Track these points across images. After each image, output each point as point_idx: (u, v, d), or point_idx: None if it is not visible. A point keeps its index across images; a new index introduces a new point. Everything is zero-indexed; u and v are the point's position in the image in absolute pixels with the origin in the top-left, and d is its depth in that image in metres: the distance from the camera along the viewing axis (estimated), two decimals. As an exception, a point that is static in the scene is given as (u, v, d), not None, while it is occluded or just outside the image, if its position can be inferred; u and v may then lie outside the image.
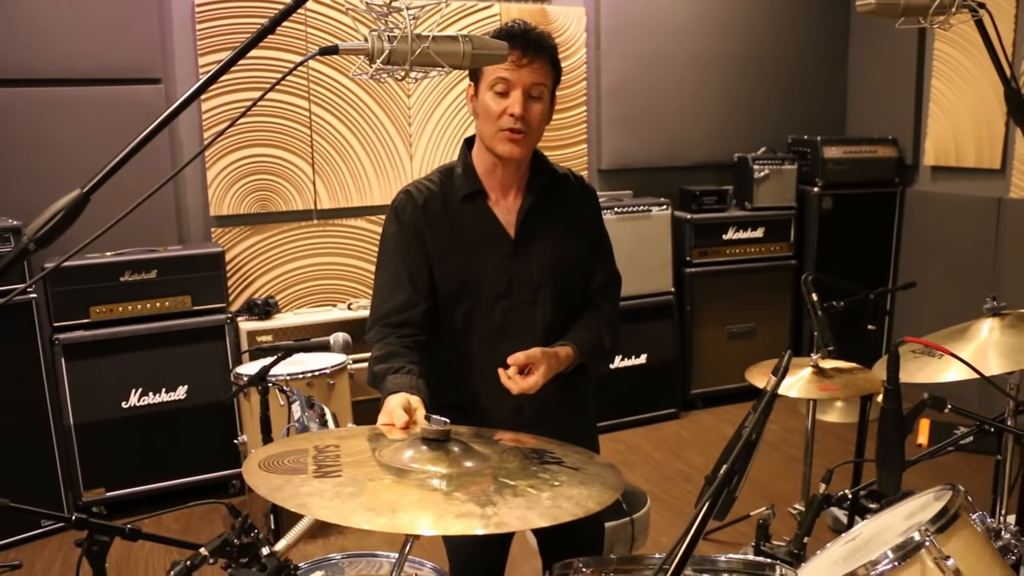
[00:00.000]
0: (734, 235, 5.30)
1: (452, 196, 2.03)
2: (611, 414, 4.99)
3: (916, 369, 1.87)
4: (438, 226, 2.00)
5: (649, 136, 5.41)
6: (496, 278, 2.00)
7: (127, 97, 4.22)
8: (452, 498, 1.17)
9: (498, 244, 2.01)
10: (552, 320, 2.04)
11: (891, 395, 1.66)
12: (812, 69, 5.79)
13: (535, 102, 1.92)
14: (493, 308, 2.01)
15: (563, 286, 2.06)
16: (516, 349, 1.94)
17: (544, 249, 2.03)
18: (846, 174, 5.40)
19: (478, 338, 2.02)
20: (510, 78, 1.89)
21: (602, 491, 1.25)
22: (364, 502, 1.14)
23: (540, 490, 1.22)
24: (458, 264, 2.00)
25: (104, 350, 4.01)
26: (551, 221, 2.05)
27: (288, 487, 1.19)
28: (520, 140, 1.92)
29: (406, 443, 1.35)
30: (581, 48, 5.21)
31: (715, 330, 5.34)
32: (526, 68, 1.89)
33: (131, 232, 4.26)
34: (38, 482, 3.88)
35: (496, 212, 2.02)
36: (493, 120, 1.92)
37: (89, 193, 1.40)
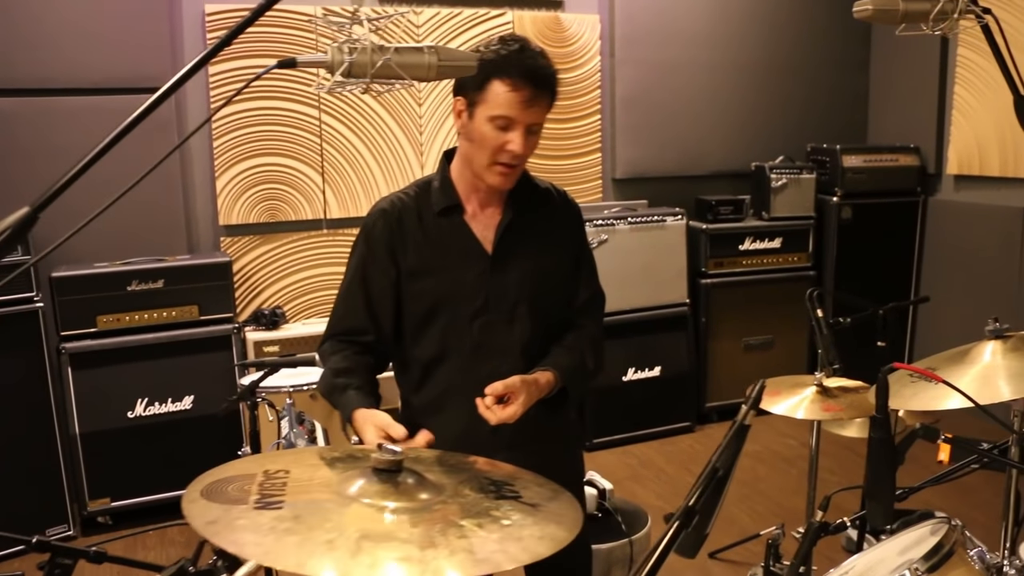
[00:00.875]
0: (751, 245, 5.21)
1: (427, 210, 1.97)
2: (624, 427, 4.92)
3: (911, 395, 1.78)
4: (412, 242, 1.95)
5: (664, 145, 5.33)
6: (473, 295, 1.95)
7: (137, 106, 4.10)
8: (392, 538, 1.11)
9: (475, 260, 1.95)
10: (531, 338, 1.97)
11: (879, 424, 1.58)
12: (832, 76, 5.68)
13: (532, 137, 1.87)
14: (470, 325, 1.95)
15: (542, 303, 2.00)
16: (494, 367, 1.90)
17: (522, 265, 1.97)
18: (866, 183, 5.29)
19: (455, 356, 1.97)
20: (515, 116, 1.82)
21: (556, 533, 1.18)
22: (297, 541, 1.08)
23: (488, 531, 1.16)
24: (433, 281, 1.95)
25: (111, 359, 4.00)
26: (530, 237, 1.99)
27: (224, 519, 1.14)
28: (512, 173, 1.88)
29: (356, 472, 1.29)
30: (595, 56, 5.15)
31: (731, 342, 5.25)
32: (532, 108, 1.83)
33: (140, 241, 4.26)
34: (43, 491, 3.88)
35: (473, 227, 1.96)
36: (489, 152, 1.85)
37: (37, 211, 1.36)
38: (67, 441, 3.95)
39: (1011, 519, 1.86)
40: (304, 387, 3.65)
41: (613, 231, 4.84)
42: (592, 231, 4.78)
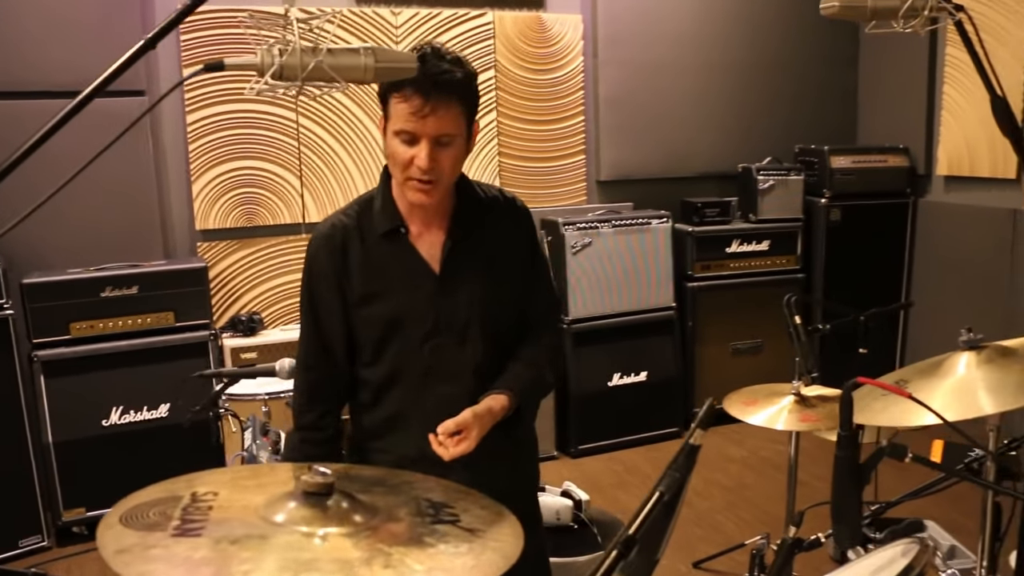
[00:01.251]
0: (738, 248, 5.13)
1: (370, 232, 1.88)
2: (609, 433, 4.85)
3: (881, 409, 1.71)
4: (357, 267, 1.87)
5: (650, 146, 5.26)
6: (422, 317, 1.86)
7: (111, 109, 4.05)
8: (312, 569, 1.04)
9: (422, 281, 1.87)
10: (483, 359, 1.89)
11: (844, 442, 1.51)
12: (820, 74, 5.60)
13: (444, 149, 1.75)
14: (421, 348, 1.87)
15: (494, 323, 1.91)
16: (447, 390, 1.85)
17: (472, 284, 1.89)
18: (855, 185, 5.21)
19: (407, 381, 1.89)
20: (413, 130, 1.72)
21: (491, 560, 1.12)
22: (209, 573, 1.01)
23: (417, 559, 1.09)
24: (381, 307, 1.87)
25: (85, 367, 3.93)
26: (479, 252, 1.91)
27: (138, 547, 1.08)
28: (430, 189, 1.77)
29: (287, 494, 1.22)
30: (578, 56, 5.08)
31: (718, 347, 5.17)
32: (430, 118, 1.71)
33: (115, 247, 4.20)
34: (16, 501, 3.80)
35: (419, 247, 1.88)
36: (400, 168, 1.77)
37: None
38: (40, 450, 3.88)
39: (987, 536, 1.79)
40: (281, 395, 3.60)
41: (597, 234, 4.77)
42: (576, 234, 4.72)
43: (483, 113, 4.89)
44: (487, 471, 1.84)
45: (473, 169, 4.91)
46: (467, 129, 1.81)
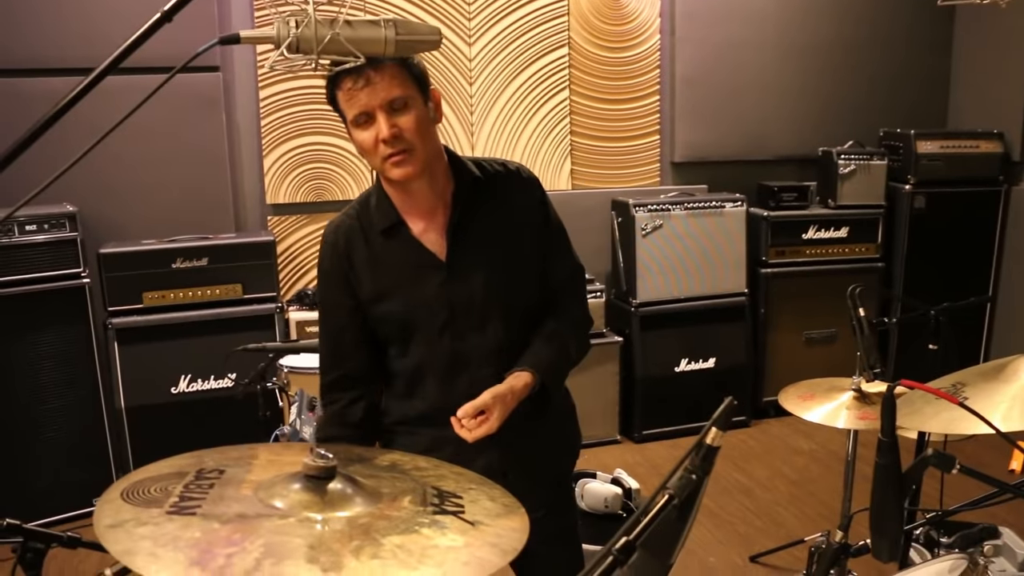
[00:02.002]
0: (815, 234, 4.96)
1: (372, 231, 1.84)
2: (675, 419, 4.76)
3: (932, 414, 1.60)
4: (363, 268, 1.84)
5: (726, 128, 5.11)
6: (437, 309, 1.82)
7: (187, 85, 4.22)
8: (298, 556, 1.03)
9: (430, 273, 1.82)
10: (507, 339, 1.85)
11: (885, 448, 1.42)
12: (910, 56, 5.35)
13: (401, 114, 1.69)
14: (441, 339, 1.83)
15: (513, 301, 1.86)
16: (473, 378, 1.81)
17: (483, 266, 1.83)
18: (942, 171, 4.97)
19: (432, 373, 1.86)
20: (364, 107, 1.68)
21: (485, 557, 1.08)
22: (194, 556, 1.01)
23: (408, 552, 1.06)
24: (393, 305, 1.83)
25: (155, 336, 4.04)
26: (485, 231, 1.84)
27: (129, 524, 1.08)
28: (407, 159, 1.70)
29: (289, 477, 1.21)
30: (655, 35, 4.96)
31: (791, 335, 5.02)
32: (367, 90, 1.66)
33: (188, 219, 4.29)
34: (89, 464, 3.94)
35: (422, 240, 1.83)
36: (371, 153, 1.73)
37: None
38: (113, 415, 4.01)
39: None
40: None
41: (668, 216, 4.67)
42: (646, 216, 4.63)
43: (556, 91, 4.83)
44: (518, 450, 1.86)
45: (545, 148, 4.86)
46: (421, 93, 1.73)
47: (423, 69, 1.75)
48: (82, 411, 3.94)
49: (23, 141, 1.28)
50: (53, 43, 4.02)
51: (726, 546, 3.68)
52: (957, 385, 1.72)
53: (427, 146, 1.74)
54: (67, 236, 3.87)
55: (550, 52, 4.81)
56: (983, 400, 1.61)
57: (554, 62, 4.82)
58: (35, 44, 4.01)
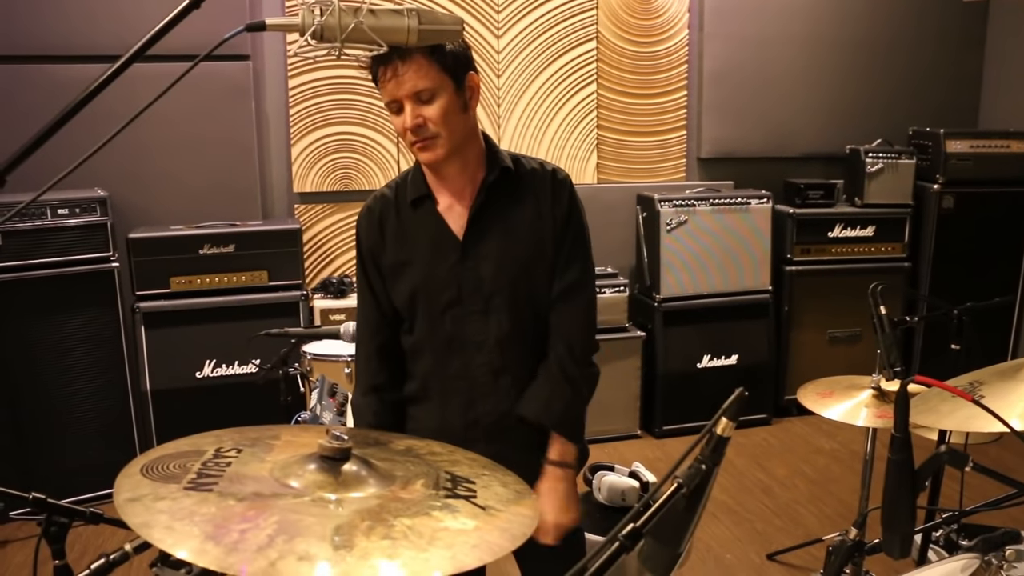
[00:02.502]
0: (841, 233, 4.93)
1: (403, 203, 1.90)
2: (695, 415, 4.76)
3: (948, 412, 1.60)
4: (391, 237, 1.90)
5: (753, 124, 5.09)
6: (445, 286, 1.87)
7: (217, 73, 4.27)
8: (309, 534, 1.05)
9: (447, 250, 1.87)
10: (508, 330, 1.87)
11: (898, 444, 1.42)
12: (941, 53, 5.30)
13: (427, 105, 1.74)
14: (443, 318, 1.88)
15: (521, 295, 1.88)
16: (468, 361, 1.87)
17: (497, 254, 1.87)
18: (972, 171, 4.92)
19: (432, 350, 1.91)
20: (392, 96, 1.75)
21: (495, 542, 1.10)
22: (209, 531, 1.03)
23: (418, 534, 1.08)
24: (408, 274, 1.89)
25: (182, 320, 4.09)
26: (506, 222, 1.88)
27: (148, 498, 1.11)
28: (430, 145, 1.76)
29: (305, 457, 1.23)
30: (683, 29, 4.94)
31: (815, 333, 5.00)
32: (394, 81, 1.72)
33: (216, 206, 4.34)
34: (114, 445, 4.00)
35: (446, 217, 1.87)
36: (401, 136, 1.81)
37: (3, 175, 1.34)
38: (139, 397, 4.07)
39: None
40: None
41: (693, 212, 4.66)
42: (671, 211, 4.63)
43: (583, 85, 4.83)
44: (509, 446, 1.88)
45: (571, 142, 4.86)
46: (452, 82, 1.76)
47: (460, 55, 1.77)
48: (109, 393, 4.01)
49: (51, 126, 1.30)
50: (86, 30, 4.08)
51: (744, 543, 3.68)
52: (974, 383, 1.71)
53: (454, 133, 1.77)
54: (98, 220, 3.93)
55: (578, 46, 4.81)
56: (1000, 399, 1.61)
57: (582, 56, 4.82)
58: (68, 31, 4.07)
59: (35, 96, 4.01)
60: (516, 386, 1.90)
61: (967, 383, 1.71)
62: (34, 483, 3.65)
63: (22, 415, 3.81)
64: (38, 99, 3.98)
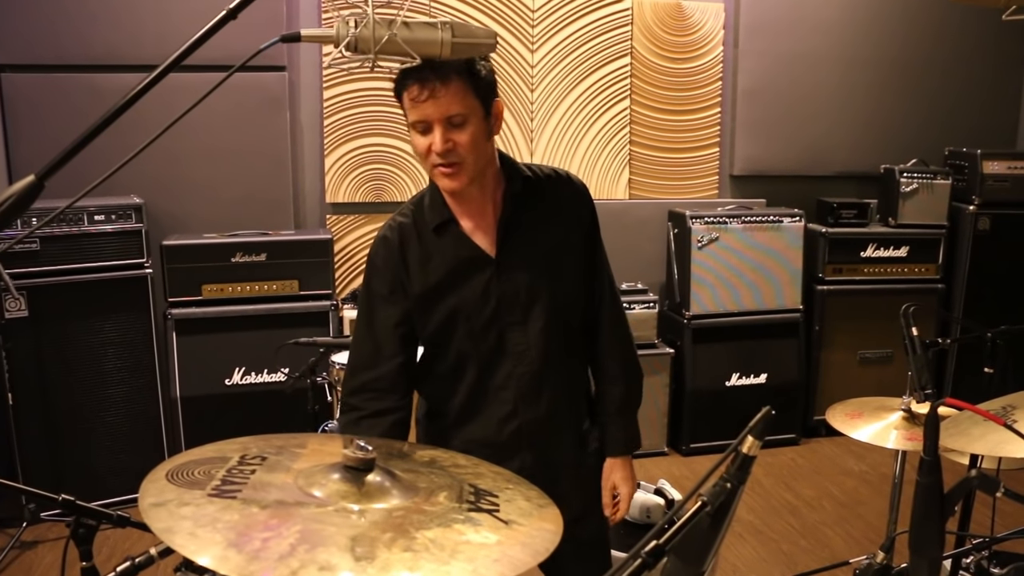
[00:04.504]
0: (874, 253, 4.88)
1: (424, 229, 1.88)
2: (723, 434, 4.72)
3: (980, 435, 1.58)
4: (413, 262, 1.87)
5: (787, 142, 5.06)
6: (483, 303, 1.87)
7: (253, 83, 4.33)
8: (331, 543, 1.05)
9: (480, 268, 1.87)
10: (549, 337, 1.89)
11: (927, 467, 1.40)
12: (979, 73, 5.24)
13: (458, 130, 1.73)
14: (487, 334, 1.88)
15: (557, 300, 1.90)
16: (514, 372, 1.88)
17: (529, 264, 1.88)
18: (1009, 192, 4.85)
19: (474, 366, 1.91)
20: (422, 117, 1.72)
21: (516, 556, 1.10)
22: (232, 538, 1.04)
23: (440, 547, 1.08)
24: (442, 299, 1.88)
25: (213, 327, 4.12)
26: (534, 230, 1.89)
27: (173, 503, 1.12)
28: (456, 172, 1.75)
29: (328, 466, 1.24)
30: (718, 46, 4.94)
31: (846, 354, 4.95)
32: (430, 102, 1.70)
33: (250, 215, 4.39)
34: (143, 450, 4.04)
35: (473, 237, 1.87)
36: (423, 158, 1.79)
37: (42, 179, 1.36)
38: (168, 403, 4.11)
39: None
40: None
41: (725, 229, 4.64)
42: (702, 228, 4.61)
43: (616, 100, 4.83)
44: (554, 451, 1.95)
45: (604, 157, 4.86)
46: (482, 108, 1.76)
47: (490, 79, 1.78)
48: (140, 398, 4.06)
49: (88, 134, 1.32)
50: (128, 40, 4.15)
51: (769, 564, 3.64)
52: (1007, 408, 1.69)
53: (479, 160, 1.78)
54: (133, 227, 3.98)
55: (612, 61, 4.81)
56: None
57: (616, 71, 4.82)
58: (111, 40, 4.14)
59: (79, 104, 4.08)
60: (556, 392, 1.93)
61: (999, 407, 1.69)
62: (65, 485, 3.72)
63: (54, 417, 3.87)
64: (82, 106, 4.06)
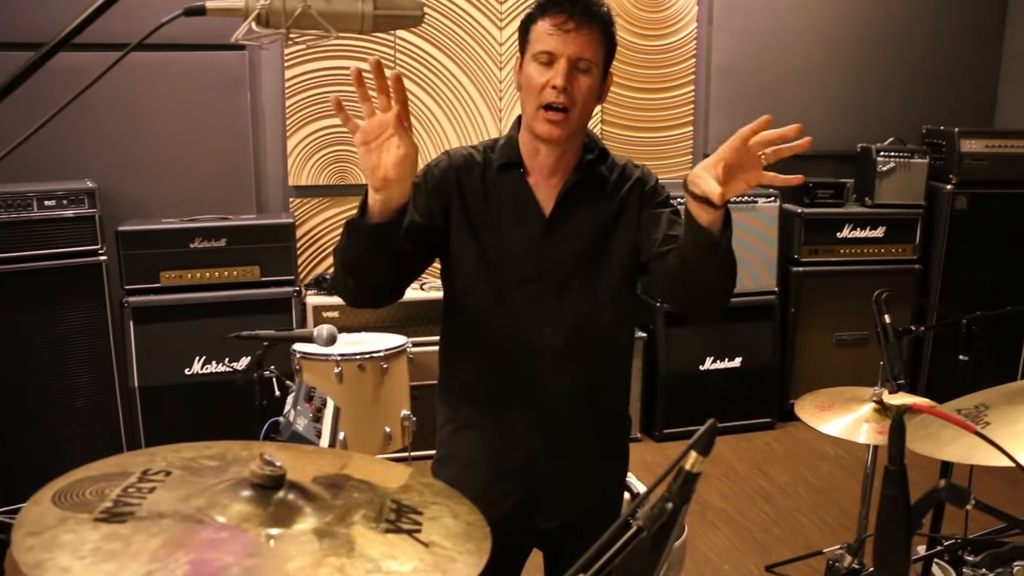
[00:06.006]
0: (850, 233, 4.80)
1: (489, 165, 1.84)
2: (697, 418, 4.59)
3: (949, 440, 1.49)
4: (469, 191, 1.81)
5: (762, 120, 4.94)
6: (522, 259, 1.79)
7: (212, 62, 4.18)
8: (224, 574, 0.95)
9: (531, 222, 1.80)
10: (582, 315, 1.80)
11: (892, 478, 1.31)
12: (957, 50, 5.16)
13: (582, 75, 1.71)
14: (515, 293, 1.79)
15: (601, 281, 1.82)
16: (534, 342, 1.79)
17: (582, 234, 1.80)
18: (987, 171, 4.78)
19: (495, 328, 1.82)
20: (553, 49, 1.69)
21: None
22: (111, 570, 0.93)
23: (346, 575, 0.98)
24: (482, 237, 1.80)
25: (172, 315, 4.00)
26: (597, 205, 1.82)
27: (52, 531, 1.00)
28: (561, 121, 1.71)
29: (232, 484, 1.13)
30: (691, 23, 4.82)
31: (822, 336, 4.88)
32: (572, 35, 1.69)
33: (210, 199, 4.25)
34: (101, 442, 3.92)
35: (534, 189, 1.81)
36: (535, 93, 1.72)
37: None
38: (126, 394, 3.99)
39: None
40: (356, 356, 3.57)
41: (698, 211, 4.53)
42: (675, 210, 4.50)
43: (586, 79, 4.70)
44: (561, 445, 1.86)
45: (573, 137, 4.73)
46: (604, 65, 1.77)
47: (615, 43, 1.80)
48: (96, 390, 3.93)
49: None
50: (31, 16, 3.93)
51: (742, 553, 3.57)
52: (980, 407, 1.60)
53: (583, 115, 1.75)
54: (86, 212, 3.84)
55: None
56: (1007, 427, 1.49)
57: (586, 48, 4.68)
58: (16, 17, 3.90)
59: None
60: (579, 376, 1.82)
61: (973, 406, 1.60)
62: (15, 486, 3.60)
63: (5, 410, 3.73)
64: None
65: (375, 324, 4.17)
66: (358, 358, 3.59)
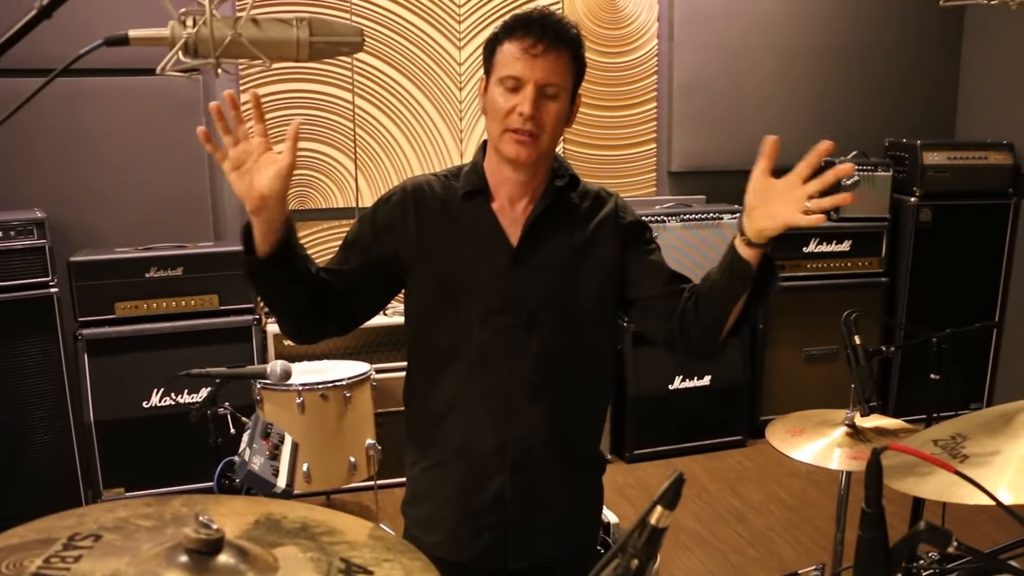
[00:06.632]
0: (816, 248, 4.79)
1: (453, 192, 1.77)
2: (668, 438, 4.60)
3: (926, 474, 1.43)
4: (429, 221, 1.74)
5: (726, 136, 4.94)
6: (488, 291, 1.72)
7: (164, 87, 4.08)
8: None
9: (496, 252, 1.72)
10: (552, 349, 1.72)
11: (869, 520, 1.24)
12: (916, 64, 5.18)
13: (550, 101, 1.66)
14: (482, 327, 1.72)
15: (572, 311, 1.74)
16: (503, 377, 1.71)
17: (552, 266, 1.73)
18: (950, 183, 4.78)
19: (459, 361, 1.74)
20: (520, 74, 1.63)
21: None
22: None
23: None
24: (445, 268, 1.73)
25: (128, 347, 3.89)
26: (566, 236, 1.75)
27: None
28: (528, 143, 1.65)
29: (167, 549, 1.05)
30: (652, 39, 4.79)
31: (790, 352, 4.85)
32: (540, 60, 1.63)
33: (165, 227, 4.15)
34: (57, 478, 3.81)
35: (499, 217, 1.74)
36: (500, 118, 1.66)
37: None
38: (81, 428, 3.87)
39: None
40: (318, 386, 3.48)
41: (664, 228, 4.51)
42: (640, 228, 4.46)
43: (548, 97, 4.66)
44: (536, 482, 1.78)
45: (536, 156, 4.69)
46: (572, 90, 1.70)
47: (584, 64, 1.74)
48: (50, 426, 3.81)
49: None
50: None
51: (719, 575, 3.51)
52: (956, 438, 1.54)
53: (552, 140, 1.70)
54: (35, 243, 3.73)
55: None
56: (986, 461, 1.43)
57: (547, 67, 4.65)
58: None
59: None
60: (552, 413, 1.75)
61: (949, 436, 1.54)
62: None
63: (-47, 452, 3.61)
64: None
65: (337, 351, 4.08)
66: (320, 387, 3.50)
